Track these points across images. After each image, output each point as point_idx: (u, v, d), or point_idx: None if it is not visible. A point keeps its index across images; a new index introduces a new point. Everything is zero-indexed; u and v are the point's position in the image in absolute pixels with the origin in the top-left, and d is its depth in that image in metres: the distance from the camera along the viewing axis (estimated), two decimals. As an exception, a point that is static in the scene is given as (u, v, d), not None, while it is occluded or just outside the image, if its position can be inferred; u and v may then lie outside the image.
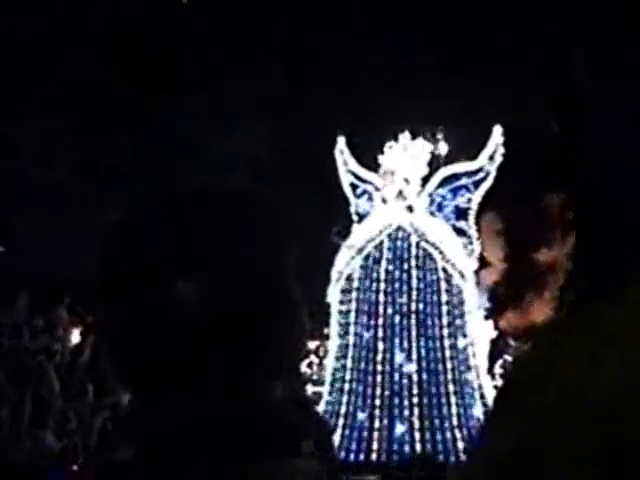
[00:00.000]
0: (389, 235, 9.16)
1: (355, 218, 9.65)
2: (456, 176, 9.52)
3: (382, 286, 9.01)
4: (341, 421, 8.92)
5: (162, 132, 15.43)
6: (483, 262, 9.26)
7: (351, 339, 9.09)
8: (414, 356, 8.83)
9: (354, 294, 9.12)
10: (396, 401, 8.78)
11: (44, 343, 14.41)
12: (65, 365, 14.58)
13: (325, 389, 9.31)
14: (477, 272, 8.88)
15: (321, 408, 9.14)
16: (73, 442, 13.40)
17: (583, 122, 1.26)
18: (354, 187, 9.74)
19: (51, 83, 15.17)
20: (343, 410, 8.96)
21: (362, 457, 8.67)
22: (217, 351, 1.08)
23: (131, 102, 15.19)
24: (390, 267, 9.03)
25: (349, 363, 9.06)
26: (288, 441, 1.10)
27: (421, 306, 8.96)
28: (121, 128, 15.75)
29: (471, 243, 9.40)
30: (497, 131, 9.46)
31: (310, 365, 13.17)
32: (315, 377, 12.09)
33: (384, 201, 9.34)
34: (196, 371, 1.08)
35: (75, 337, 16.15)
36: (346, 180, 9.76)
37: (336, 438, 8.74)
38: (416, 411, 8.71)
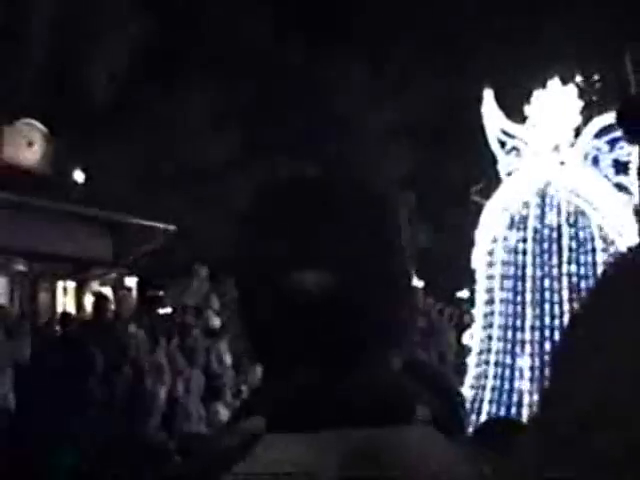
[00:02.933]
0: (537, 191, 8.34)
1: (504, 176, 8.88)
2: (614, 126, 8.54)
3: (529, 246, 8.20)
4: (487, 395, 8.20)
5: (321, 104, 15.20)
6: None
7: (497, 306, 8.33)
8: (565, 321, 7.98)
9: (499, 256, 8.36)
10: (547, 373, 7.96)
11: (217, 324, 14.58)
12: (236, 338, 14.74)
13: (472, 361, 8.59)
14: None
15: (468, 381, 8.47)
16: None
17: None
18: (502, 143, 8.96)
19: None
20: (490, 384, 8.23)
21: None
22: (336, 331, 1.14)
23: (293, 73, 14.97)
24: (538, 225, 8.21)
25: (495, 332, 8.31)
26: (402, 409, 1.15)
27: (573, 268, 8.08)
28: (282, 100, 15.57)
29: (633, 199, 8.44)
30: (661, 74, 8.43)
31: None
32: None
33: (533, 155, 8.54)
34: (318, 347, 1.15)
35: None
36: (494, 136, 8.99)
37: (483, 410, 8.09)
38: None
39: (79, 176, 16.68)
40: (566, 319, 7.99)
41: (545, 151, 8.49)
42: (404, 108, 15.42)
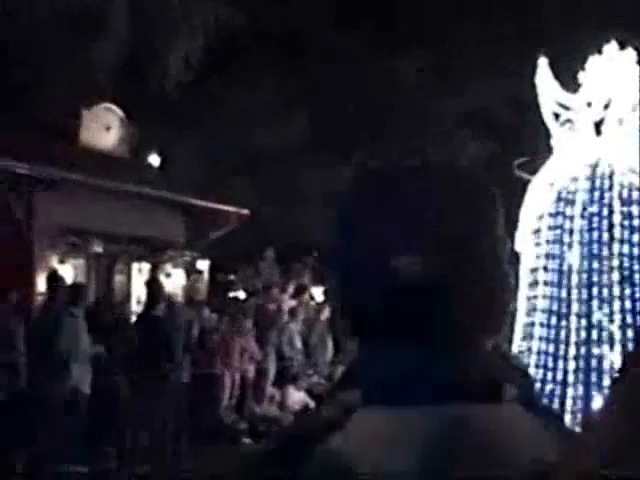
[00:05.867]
0: (588, 165, 7.65)
1: (556, 151, 8.21)
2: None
3: (577, 224, 7.52)
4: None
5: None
6: None
7: (541, 289, 7.69)
8: (616, 307, 7.28)
9: (544, 236, 7.71)
10: (594, 363, 7.29)
11: (288, 307, 14.45)
12: (306, 323, 14.61)
13: (515, 347, 7.97)
14: None
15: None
16: (316, 396, 13.40)
17: None
18: (556, 116, 8.29)
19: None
20: (531, 373, 7.60)
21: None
22: (435, 312, 1.19)
23: (353, 57, 14.72)
24: (587, 201, 7.52)
25: (538, 317, 7.68)
26: (494, 387, 1.18)
27: (626, 248, 7.37)
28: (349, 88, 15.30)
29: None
30: None
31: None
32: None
33: (586, 127, 7.85)
34: (416, 327, 1.20)
35: (319, 296, 16.08)
36: (548, 108, 8.33)
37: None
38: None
39: (155, 160, 16.70)
40: (616, 304, 7.31)
41: (599, 123, 7.80)
42: (466, 97, 15.07)
